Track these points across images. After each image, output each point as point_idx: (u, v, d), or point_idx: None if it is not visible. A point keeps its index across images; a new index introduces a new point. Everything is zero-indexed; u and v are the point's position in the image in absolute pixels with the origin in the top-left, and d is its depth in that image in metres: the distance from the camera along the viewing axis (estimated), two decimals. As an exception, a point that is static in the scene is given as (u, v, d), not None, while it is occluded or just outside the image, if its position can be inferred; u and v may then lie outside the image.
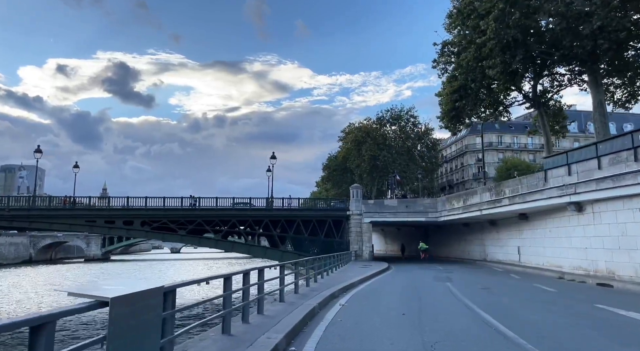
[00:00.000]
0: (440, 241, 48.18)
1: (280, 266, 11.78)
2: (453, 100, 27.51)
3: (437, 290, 15.68)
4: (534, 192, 23.12)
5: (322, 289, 14.13)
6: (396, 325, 8.87)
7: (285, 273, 11.60)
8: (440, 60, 30.02)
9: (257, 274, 8.65)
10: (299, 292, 12.71)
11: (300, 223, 42.32)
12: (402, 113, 70.27)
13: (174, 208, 40.07)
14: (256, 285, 8.65)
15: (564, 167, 20.74)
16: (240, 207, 42.25)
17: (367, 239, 41.40)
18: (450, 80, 27.91)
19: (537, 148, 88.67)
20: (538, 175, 23.39)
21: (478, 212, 30.70)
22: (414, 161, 67.83)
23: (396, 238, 65.53)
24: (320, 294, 12.67)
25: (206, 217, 40.65)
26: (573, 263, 21.67)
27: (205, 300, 6.26)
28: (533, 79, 31.76)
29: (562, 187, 20.73)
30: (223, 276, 6.69)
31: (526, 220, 27.97)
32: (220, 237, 41.27)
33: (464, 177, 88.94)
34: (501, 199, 27.17)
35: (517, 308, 11.16)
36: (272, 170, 46.23)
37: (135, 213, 39.02)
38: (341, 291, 14.68)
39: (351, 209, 41.84)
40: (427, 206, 40.19)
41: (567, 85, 33.69)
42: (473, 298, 12.65)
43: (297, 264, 14.31)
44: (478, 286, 17.00)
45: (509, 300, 12.74)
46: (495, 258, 34.71)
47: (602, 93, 24.53)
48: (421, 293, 14.53)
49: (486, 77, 24.96)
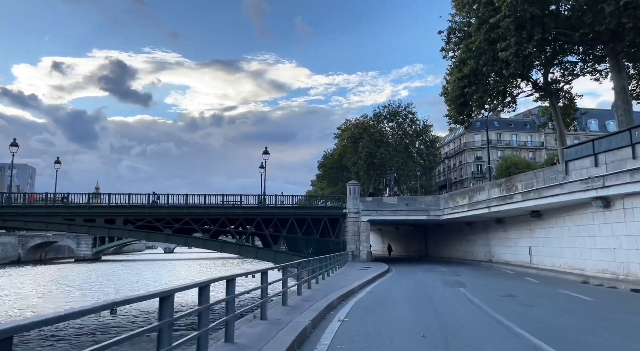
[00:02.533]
0: (441, 241, 45.88)
1: (262, 274, 9.05)
2: (461, 86, 25.13)
3: (452, 298, 13.31)
4: (553, 187, 20.81)
5: (316, 298, 11.73)
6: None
7: (274, 279, 9.16)
8: (448, 48, 27.65)
9: (234, 283, 6.19)
10: (287, 304, 10.28)
11: (294, 222, 39.86)
12: (399, 109, 68.20)
13: (159, 206, 37.51)
14: (225, 300, 6.22)
15: (589, 158, 18.44)
16: (230, 204, 39.70)
17: (365, 239, 39.03)
18: (459, 65, 25.57)
19: (537, 146, 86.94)
20: (557, 167, 21.09)
21: (486, 210, 28.40)
22: (412, 159, 65.75)
23: (394, 238, 63.23)
24: (314, 306, 10.27)
25: (194, 215, 38.11)
26: (598, 265, 19.38)
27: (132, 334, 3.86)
28: (544, 66, 29.54)
29: (586, 180, 18.43)
30: (159, 295, 4.25)
31: (539, 217, 25.69)
32: (209, 236, 38.74)
33: (462, 175, 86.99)
34: (513, 195, 24.86)
35: (567, 327, 8.69)
36: (265, 166, 43.83)
37: (118, 210, 36.43)
38: (339, 300, 12.28)
39: (348, 207, 39.45)
40: (429, 204, 37.86)
41: (580, 74, 31.58)
42: (501, 310, 10.30)
43: (284, 269, 11.77)
44: (498, 293, 14.66)
45: (546, 313, 10.38)
46: (502, 259, 32.44)
47: (624, 78, 22.32)
48: (435, 303, 12.15)
49: (498, 60, 22.66)
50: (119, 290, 36.37)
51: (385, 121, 68.17)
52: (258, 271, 9.23)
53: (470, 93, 25.11)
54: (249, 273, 10.58)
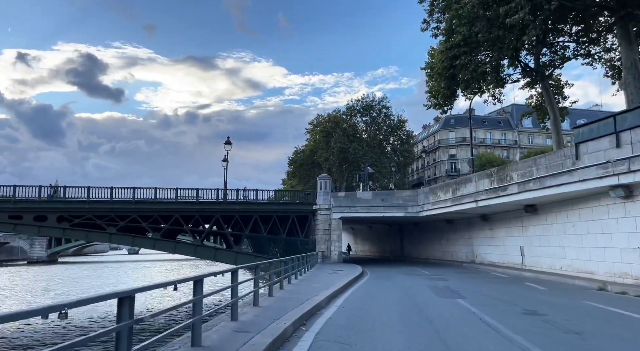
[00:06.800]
0: (419, 240, 42.65)
1: (195, 282, 6.17)
2: (451, 56, 21.55)
3: (456, 316, 9.58)
4: (559, 174, 17.53)
5: (262, 323, 7.78)
6: None
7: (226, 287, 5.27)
8: (431, 19, 24.12)
9: None
10: (202, 344, 6.23)
11: (258, 220, 35.70)
12: (373, 103, 65.12)
13: (100, 201, 32.61)
14: None
15: (607, 138, 15.19)
16: (185, 199, 35.14)
17: (337, 238, 35.26)
18: (447, 33, 21.96)
19: (511, 145, 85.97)
20: (563, 151, 17.83)
21: (473, 204, 25.08)
22: (386, 155, 62.78)
23: (367, 238, 59.86)
24: (253, 341, 6.29)
25: (143, 212, 33.40)
26: (614, 268, 16.19)
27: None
28: (535, 47, 26.56)
29: (604, 165, 15.17)
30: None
31: (534, 213, 22.54)
32: (159, 235, 34.06)
33: (436, 173, 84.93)
34: (507, 186, 21.56)
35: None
36: (227, 159, 39.31)
37: (50, 206, 31.33)
38: (297, 323, 8.36)
39: (318, 203, 35.58)
40: (407, 199, 34.42)
41: (571, 57, 28.89)
42: (543, 344, 6.66)
43: (233, 274, 8.15)
44: (511, 307, 11.07)
45: (609, 347, 6.78)
46: (487, 260, 29.32)
47: (636, 51, 19.40)
48: (437, 326, 8.39)
49: (494, 27, 19.29)
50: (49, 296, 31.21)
51: (359, 115, 64.99)
52: (187, 279, 6.12)
53: (462, 66, 21.60)
54: (166, 284, 6.46)
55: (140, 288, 4.53)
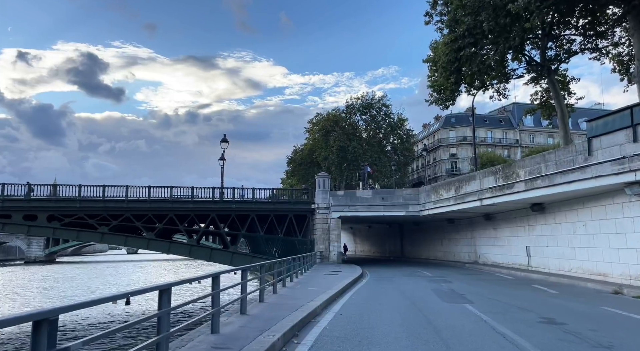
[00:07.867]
0: (419, 240, 41.70)
1: (161, 292, 5.12)
2: (456, 48, 20.53)
3: (468, 327, 8.61)
4: (569, 171, 16.58)
5: (254, 331, 6.85)
6: None
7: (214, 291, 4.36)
8: (433, 12, 23.09)
9: None
10: (192, 349, 5.31)
11: (255, 219, 34.72)
12: (373, 102, 64.16)
13: (92, 200, 31.64)
14: None
15: (624, 131, 14.24)
16: (180, 198, 34.16)
17: (335, 238, 34.31)
18: (451, 24, 20.96)
19: (512, 144, 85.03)
20: (574, 147, 16.87)
21: (477, 203, 24.12)
22: (386, 153, 61.82)
23: (367, 238, 58.92)
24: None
25: (136, 211, 32.42)
26: (630, 270, 15.24)
27: None
28: (541, 39, 25.61)
29: (620, 160, 14.22)
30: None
31: (541, 211, 21.59)
32: (154, 235, 33.08)
33: (436, 172, 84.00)
34: (513, 184, 20.60)
35: None
36: (224, 157, 38.31)
37: (40, 204, 30.37)
38: (289, 335, 7.41)
39: (317, 202, 34.64)
40: (408, 198, 33.47)
41: (578, 51, 27.94)
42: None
43: (214, 280, 7.22)
44: (524, 314, 10.13)
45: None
46: (490, 261, 28.39)
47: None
48: (447, 339, 7.43)
49: (500, 16, 18.35)
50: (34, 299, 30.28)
51: (359, 113, 64.03)
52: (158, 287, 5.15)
53: (467, 57, 20.60)
54: (142, 291, 5.50)
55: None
